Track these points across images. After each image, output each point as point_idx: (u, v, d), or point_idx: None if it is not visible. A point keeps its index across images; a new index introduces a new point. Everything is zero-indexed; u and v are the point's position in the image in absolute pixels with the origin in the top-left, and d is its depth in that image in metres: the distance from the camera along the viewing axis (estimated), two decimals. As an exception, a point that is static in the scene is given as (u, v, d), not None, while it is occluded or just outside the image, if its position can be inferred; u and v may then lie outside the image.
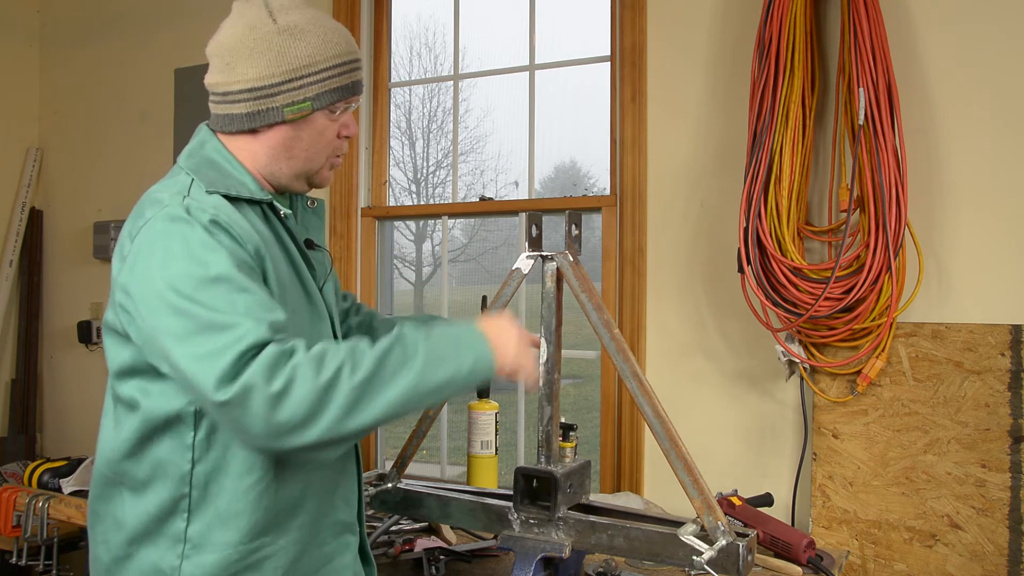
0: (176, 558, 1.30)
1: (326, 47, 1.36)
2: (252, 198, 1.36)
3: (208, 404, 1.19)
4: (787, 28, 2.03)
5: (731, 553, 1.28)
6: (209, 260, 1.21)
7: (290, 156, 1.39)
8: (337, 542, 1.46)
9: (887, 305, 1.97)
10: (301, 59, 1.35)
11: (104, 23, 3.47)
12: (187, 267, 1.21)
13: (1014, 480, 1.91)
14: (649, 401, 1.38)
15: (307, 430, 1.16)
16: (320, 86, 1.36)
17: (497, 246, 4.36)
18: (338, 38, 1.38)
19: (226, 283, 1.21)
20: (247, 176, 1.38)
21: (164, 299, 1.21)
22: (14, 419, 3.50)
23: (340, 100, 1.39)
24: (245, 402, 1.15)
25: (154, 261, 1.24)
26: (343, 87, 1.38)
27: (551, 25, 2.73)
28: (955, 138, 2.03)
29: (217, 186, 1.33)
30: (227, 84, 1.36)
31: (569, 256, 1.49)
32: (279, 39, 1.34)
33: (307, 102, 1.35)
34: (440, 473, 2.92)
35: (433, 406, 1.42)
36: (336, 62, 1.37)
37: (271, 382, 1.15)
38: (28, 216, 3.55)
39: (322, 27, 1.37)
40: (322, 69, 1.36)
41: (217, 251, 1.22)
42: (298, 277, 1.41)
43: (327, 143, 1.41)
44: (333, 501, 1.45)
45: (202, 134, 1.43)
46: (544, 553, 1.42)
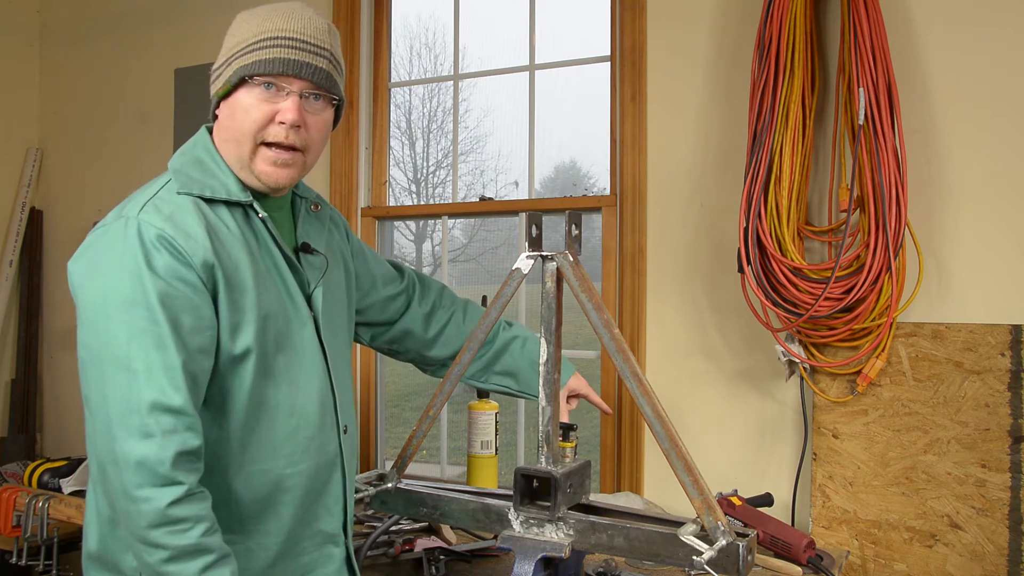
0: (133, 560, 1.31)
1: (262, 24, 1.34)
2: (229, 199, 1.36)
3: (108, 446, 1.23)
4: (787, 28, 2.03)
5: (731, 553, 1.28)
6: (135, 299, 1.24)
7: (224, 138, 1.38)
8: (319, 552, 1.45)
9: (887, 305, 1.97)
10: (236, 38, 1.36)
11: (104, 23, 3.47)
12: (115, 294, 1.24)
13: (1014, 480, 1.91)
14: (649, 401, 1.38)
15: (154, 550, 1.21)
16: (240, 61, 1.34)
17: (497, 246, 4.37)
18: (280, 16, 1.35)
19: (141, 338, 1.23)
20: (231, 177, 1.38)
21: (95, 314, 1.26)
22: (14, 419, 3.51)
23: (257, 73, 1.32)
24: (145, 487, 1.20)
25: (93, 275, 1.28)
26: (263, 60, 1.32)
27: (551, 25, 2.73)
28: (955, 138, 2.03)
29: (192, 187, 1.34)
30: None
31: (569, 256, 1.49)
32: (233, 25, 1.38)
33: (228, 81, 1.35)
34: (440, 473, 2.92)
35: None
36: (260, 37, 1.33)
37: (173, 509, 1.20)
38: (28, 216, 3.55)
39: (274, 10, 1.36)
40: (246, 45, 1.34)
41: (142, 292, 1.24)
42: (281, 281, 1.40)
43: (251, 122, 1.34)
44: (315, 511, 1.44)
45: (198, 134, 1.44)
46: (544, 553, 1.42)
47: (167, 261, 1.25)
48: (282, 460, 1.38)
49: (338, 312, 1.56)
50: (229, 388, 1.34)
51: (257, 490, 1.37)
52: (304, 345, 1.42)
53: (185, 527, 1.21)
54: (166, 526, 1.20)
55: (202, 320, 1.28)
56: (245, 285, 1.33)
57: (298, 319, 1.42)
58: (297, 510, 1.41)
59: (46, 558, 2.26)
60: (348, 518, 1.52)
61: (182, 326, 1.25)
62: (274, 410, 1.37)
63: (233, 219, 1.37)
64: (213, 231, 1.32)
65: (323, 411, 1.44)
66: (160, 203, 1.31)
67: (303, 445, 1.40)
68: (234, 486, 1.35)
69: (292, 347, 1.40)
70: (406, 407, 8.10)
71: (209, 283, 1.29)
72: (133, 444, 1.20)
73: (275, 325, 1.37)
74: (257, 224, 1.39)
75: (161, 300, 1.23)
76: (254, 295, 1.34)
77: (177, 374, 1.23)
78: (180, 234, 1.27)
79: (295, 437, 1.39)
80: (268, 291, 1.37)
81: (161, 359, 1.23)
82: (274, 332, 1.37)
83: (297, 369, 1.40)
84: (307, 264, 1.47)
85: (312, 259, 1.48)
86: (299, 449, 1.40)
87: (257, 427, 1.36)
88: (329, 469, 1.46)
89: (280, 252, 1.41)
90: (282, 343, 1.38)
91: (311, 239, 1.50)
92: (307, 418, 1.41)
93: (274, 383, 1.37)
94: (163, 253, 1.25)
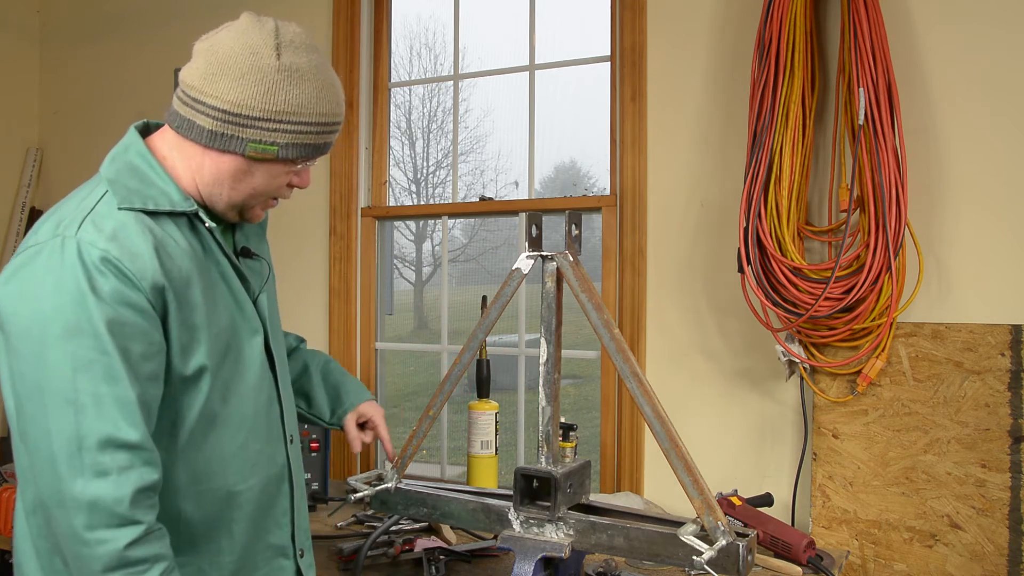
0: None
1: (315, 103, 1.29)
2: (174, 210, 1.29)
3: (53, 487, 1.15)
4: (787, 28, 2.03)
5: (731, 553, 1.28)
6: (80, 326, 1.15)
7: (233, 187, 1.32)
8: (270, 566, 1.42)
9: (887, 305, 1.97)
10: (287, 104, 1.27)
11: (104, 23, 3.47)
12: (55, 321, 1.15)
13: (1014, 480, 1.91)
14: (649, 401, 1.38)
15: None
16: (292, 136, 1.29)
17: (497, 246, 4.38)
18: (330, 96, 1.31)
19: (88, 369, 1.15)
20: (171, 185, 1.31)
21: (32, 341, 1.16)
22: (14, 419, 3.50)
23: (306, 158, 1.33)
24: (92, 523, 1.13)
25: (28, 299, 1.18)
26: (314, 146, 1.32)
27: (551, 25, 2.74)
28: (955, 138, 2.03)
29: (133, 201, 1.26)
30: (204, 94, 1.27)
31: (569, 256, 1.49)
32: (275, 76, 1.25)
33: (274, 147, 1.28)
34: (440, 473, 2.92)
35: None
36: (318, 120, 1.30)
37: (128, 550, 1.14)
38: (28, 216, 3.55)
39: (320, 80, 1.30)
40: (303, 122, 1.28)
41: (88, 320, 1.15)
42: (228, 289, 1.37)
43: (275, 188, 1.35)
44: (266, 524, 1.42)
45: (128, 137, 1.36)
46: (544, 553, 1.42)
47: (113, 285, 1.17)
48: (232, 476, 1.34)
49: (277, 320, 1.53)
50: (180, 408, 1.29)
51: (208, 509, 1.33)
52: (253, 355, 1.39)
53: (143, 568, 1.16)
54: (124, 569, 1.14)
55: (152, 346, 1.22)
56: (195, 302, 1.28)
57: (248, 328, 1.39)
58: (248, 526, 1.38)
59: None
60: (296, 529, 1.48)
61: (132, 354, 1.18)
62: (224, 425, 1.33)
63: (178, 230, 1.30)
64: (161, 247, 1.25)
65: (270, 422, 1.42)
66: (99, 220, 1.22)
67: (252, 459, 1.37)
68: (184, 507, 1.30)
69: (241, 359, 1.36)
70: (406, 407, 8.10)
71: (159, 305, 1.23)
72: (84, 484, 1.13)
73: (225, 338, 1.34)
74: (202, 232, 1.34)
75: (109, 328, 1.16)
76: (204, 311, 1.29)
77: (132, 407, 1.17)
78: (126, 255, 1.19)
79: (244, 451, 1.36)
80: (217, 304, 1.33)
81: (112, 392, 1.16)
82: (224, 346, 1.33)
83: (246, 380, 1.37)
84: (248, 270, 1.43)
85: (252, 264, 1.45)
86: (248, 463, 1.37)
87: (206, 444, 1.32)
88: (278, 481, 1.43)
89: (227, 260, 1.37)
90: (231, 355, 1.35)
91: (250, 243, 1.47)
92: (256, 431, 1.38)
93: (223, 397, 1.33)
94: (108, 277, 1.17)
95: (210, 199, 1.34)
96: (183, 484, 1.30)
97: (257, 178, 1.32)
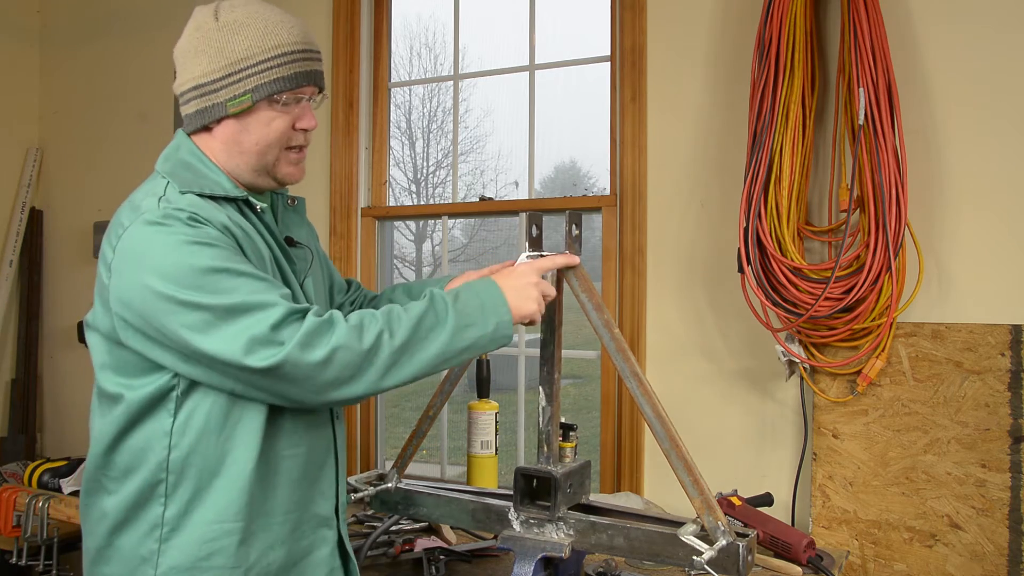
0: (155, 542, 1.34)
1: (266, 38, 1.37)
2: (227, 196, 1.39)
3: (244, 376, 1.24)
4: (787, 28, 2.03)
5: (731, 553, 1.28)
6: (201, 253, 1.26)
7: (241, 150, 1.41)
8: (315, 535, 1.47)
9: (887, 305, 1.97)
10: (238, 53, 1.36)
11: (104, 23, 3.47)
12: (181, 264, 1.25)
13: (1014, 480, 1.91)
14: (649, 401, 1.38)
15: (349, 388, 1.26)
16: (259, 78, 1.37)
17: (497, 246, 4.38)
18: (281, 29, 1.39)
19: (224, 272, 1.25)
20: (221, 175, 1.41)
21: (170, 298, 1.25)
22: (14, 419, 3.51)
23: (284, 91, 1.38)
24: (289, 370, 1.22)
25: (145, 266, 1.27)
26: (284, 77, 1.38)
27: (551, 25, 2.74)
28: (955, 138, 2.03)
29: (191, 186, 1.36)
30: (180, 85, 1.40)
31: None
32: (218, 35, 1.37)
33: (247, 95, 1.37)
34: (440, 473, 2.92)
35: (460, 364, 1.47)
36: (276, 52, 1.37)
37: (313, 350, 1.23)
38: (28, 216, 3.55)
39: (264, 20, 1.38)
40: (261, 61, 1.37)
41: (204, 244, 1.27)
42: (280, 272, 1.44)
43: (278, 135, 1.41)
44: (312, 495, 1.46)
45: (178, 138, 1.46)
46: (544, 553, 1.42)
47: (207, 231, 1.29)
48: (282, 441, 1.41)
49: (323, 299, 1.61)
50: None
51: (267, 477, 1.39)
52: None
53: (370, 315, 1.29)
54: (364, 324, 1.27)
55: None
56: (264, 270, 1.38)
57: None
58: (299, 495, 1.43)
59: (46, 558, 2.26)
60: (340, 502, 1.54)
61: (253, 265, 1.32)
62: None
63: (234, 213, 1.40)
64: (230, 221, 1.36)
65: None
66: (172, 199, 1.34)
67: (301, 428, 1.43)
68: (245, 474, 1.36)
69: None
70: (406, 407, 8.10)
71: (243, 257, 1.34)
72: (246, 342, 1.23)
73: None
74: (252, 219, 1.43)
75: (223, 254, 1.27)
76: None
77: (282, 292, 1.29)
78: (206, 214, 1.32)
79: (295, 419, 1.42)
80: (278, 279, 1.42)
81: (268, 288, 1.27)
82: None
83: None
84: (296, 255, 1.51)
85: (297, 251, 1.52)
86: (298, 431, 1.43)
87: (263, 409, 1.39)
88: (324, 453, 1.49)
89: (277, 244, 1.45)
90: None
91: (293, 232, 1.54)
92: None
93: None
94: (201, 227, 1.29)
95: (238, 175, 1.42)
96: (242, 445, 1.36)
97: (254, 131, 1.40)
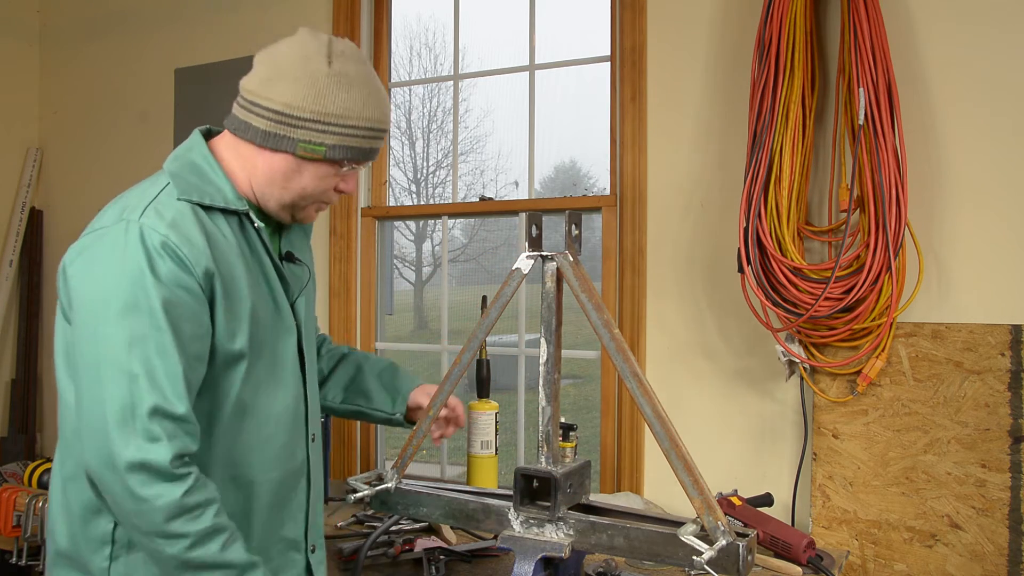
0: (104, 560, 1.32)
1: (363, 108, 1.38)
2: (227, 208, 1.38)
3: (104, 451, 1.22)
4: (787, 28, 2.03)
5: (731, 553, 1.28)
6: (138, 304, 1.24)
7: (284, 187, 1.41)
8: (283, 558, 1.47)
9: (887, 305, 1.97)
10: (335, 107, 1.36)
11: (104, 23, 3.47)
12: (115, 297, 1.24)
13: (1014, 480, 1.91)
14: (649, 401, 1.38)
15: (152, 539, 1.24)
16: (340, 139, 1.38)
17: (497, 246, 4.37)
18: (377, 103, 1.41)
19: (142, 343, 1.24)
20: (227, 184, 1.40)
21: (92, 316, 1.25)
22: (14, 419, 3.51)
23: (353, 160, 1.41)
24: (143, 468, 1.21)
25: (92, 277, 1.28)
26: (360, 149, 1.40)
27: (551, 25, 2.74)
28: (955, 138, 2.03)
29: (191, 193, 1.35)
30: (259, 97, 1.37)
31: (569, 256, 1.49)
32: (325, 80, 1.35)
33: (322, 147, 1.37)
34: (440, 473, 2.92)
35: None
36: (365, 124, 1.39)
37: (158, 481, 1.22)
38: (28, 216, 3.55)
39: (368, 88, 1.40)
40: (350, 125, 1.37)
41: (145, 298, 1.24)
42: (268, 288, 1.44)
43: (322, 190, 1.43)
44: (281, 518, 1.46)
45: (192, 138, 1.45)
46: (544, 553, 1.42)
47: (170, 268, 1.26)
48: (255, 467, 1.41)
49: (312, 324, 1.61)
50: (217, 395, 1.36)
51: (231, 497, 1.38)
52: (286, 353, 1.46)
53: (199, 512, 1.25)
54: (184, 515, 1.23)
55: (200, 327, 1.30)
56: (241, 293, 1.36)
57: (283, 327, 1.46)
58: (265, 517, 1.43)
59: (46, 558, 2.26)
60: (309, 525, 1.53)
61: (183, 333, 1.27)
62: (252, 416, 1.40)
63: (228, 227, 1.39)
64: (212, 240, 1.34)
65: (295, 419, 1.48)
66: (161, 208, 1.31)
67: (275, 452, 1.43)
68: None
69: (275, 354, 1.44)
70: (406, 407, 8.07)
71: (208, 290, 1.31)
72: (136, 447, 1.21)
73: (262, 332, 1.41)
74: (251, 232, 1.43)
75: (164, 307, 1.25)
76: (248, 303, 1.37)
77: (179, 382, 1.25)
78: (184, 242, 1.28)
79: (269, 443, 1.42)
80: (258, 300, 1.41)
81: (163, 365, 1.24)
82: (260, 339, 1.40)
83: (277, 376, 1.44)
84: (290, 273, 1.50)
85: (295, 268, 1.52)
86: (271, 456, 1.43)
87: (236, 434, 1.39)
88: (296, 476, 1.49)
89: (270, 261, 1.45)
90: (265, 350, 1.42)
91: (295, 249, 1.55)
92: (282, 425, 1.45)
93: (255, 389, 1.40)
94: (167, 260, 1.26)
95: (263, 199, 1.43)
96: (214, 471, 1.36)
97: (306, 178, 1.40)
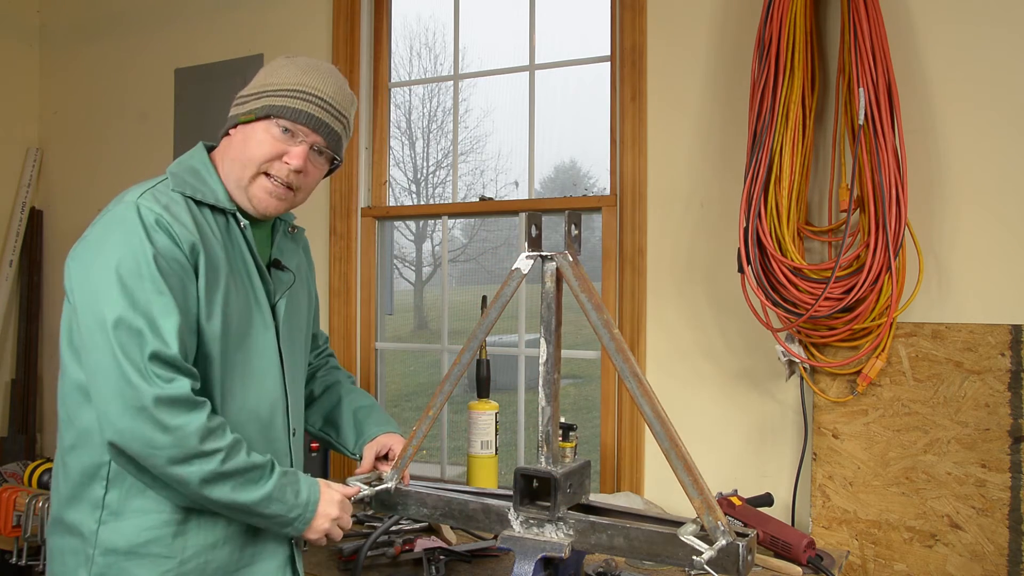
0: (94, 522, 1.42)
1: (301, 76, 1.50)
2: (216, 205, 1.49)
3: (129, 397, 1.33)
4: (787, 28, 2.03)
5: (731, 553, 1.28)
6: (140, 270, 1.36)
7: (231, 157, 1.52)
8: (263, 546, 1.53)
9: (887, 305, 1.97)
10: (274, 78, 1.51)
11: (104, 23, 3.47)
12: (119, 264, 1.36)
13: (1014, 480, 1.91)
14: (649, 401, 1.38)
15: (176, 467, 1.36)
16: (272, 99, 1.49)
17: (497, 246, 4.37)
18: (318, 77, 1.51)
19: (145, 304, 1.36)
20: (220, 187, 1.52)
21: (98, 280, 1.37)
22: (14, 419, 3.51)
23: (282, 117, 1.48)
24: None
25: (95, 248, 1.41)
26: (290, 108, 1.48)
27: (551, 25, 2.73)
28: (955, 138, 2.03)
29: (185, 188, 1.48)
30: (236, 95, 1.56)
31: (569, 256, 1.49)
32: (276, 63, 1.53)
33: (253, 112, 1.50)
34: (440, 473, 2.92)
35: (251, 520, 1.49)
36: (295, 86, 1.49)
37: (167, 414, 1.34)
38: (28, 216, 3.55)
39: (313, 67, 1.52)
40: (280, 88, 1.49)
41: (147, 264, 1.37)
42: (249, 284, 1.52)
43: (261, 153, 1.49)
44: None
45: (195, 149, 1.58)
46: (544, 553, 1.42)
47: (165, 241, 1.39)
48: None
49: (298, 327, 1.68)
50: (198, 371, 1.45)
51: None
52: (264, 348, 1.54)
53: (221, 429, 1.39)
54: (212, 434, 1.37)
55: (188, 300, 1.42)
56: (219, 281, 1.46)
57: (261, 323, 1.54)
58: None
59: (46, 558, 2.26)
60: None
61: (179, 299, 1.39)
62: (227, 402, 1.48)
63: (216, 223, 1.50)
64: (199, 227, 1.46)
65: (273, 411, 1.56)
66: (158, 194, 1.45)
67: (250, 439, 1.49)
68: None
69: (251, 347, 1.52)
70: (406, 407, 8.09)
71: (193, 264, 1.43)
72: (159, 387, 1.33)
73: (236, 323, 1.49)
74: (236, 232, 1.52)
75: (163, 273, 1.37)
76: (223, 292, 1.46)
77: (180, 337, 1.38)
78: (175, 221, 1.41)
79: (243, 430, 1.48)
80: (236, 292, 1.50)
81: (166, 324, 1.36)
82: (235, 329, 1.49)
83: (253, 368, 1.52)
84: (275, 277, 1.60)
85: (281, 274, 1.61)
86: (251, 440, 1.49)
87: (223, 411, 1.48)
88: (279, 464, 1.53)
89: (253, 261, 1.54)
90: (241, 342, 1.50)
91: (284, 257, 1.64)
92: (257, 414, 1.52)
93: (229, 377, 1.49)
94: (161, 234, 1.39)
95: (234, 190, 1.53)
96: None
97: (240, 141, 1.51)
